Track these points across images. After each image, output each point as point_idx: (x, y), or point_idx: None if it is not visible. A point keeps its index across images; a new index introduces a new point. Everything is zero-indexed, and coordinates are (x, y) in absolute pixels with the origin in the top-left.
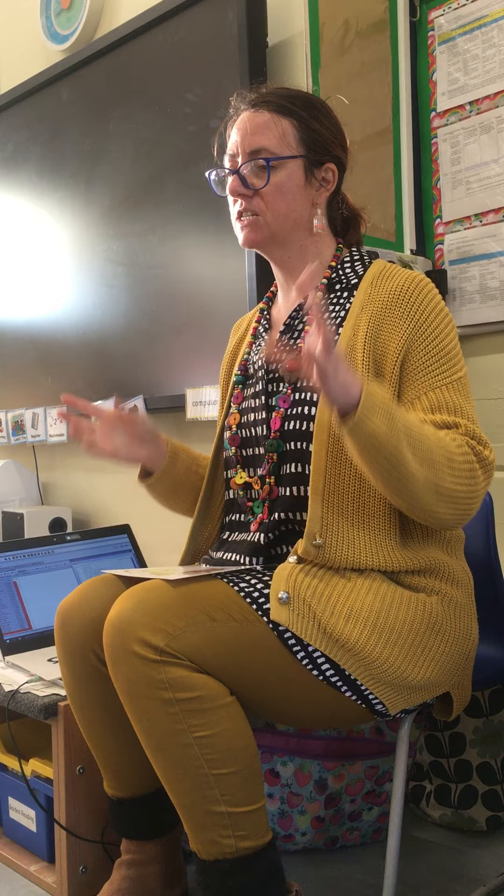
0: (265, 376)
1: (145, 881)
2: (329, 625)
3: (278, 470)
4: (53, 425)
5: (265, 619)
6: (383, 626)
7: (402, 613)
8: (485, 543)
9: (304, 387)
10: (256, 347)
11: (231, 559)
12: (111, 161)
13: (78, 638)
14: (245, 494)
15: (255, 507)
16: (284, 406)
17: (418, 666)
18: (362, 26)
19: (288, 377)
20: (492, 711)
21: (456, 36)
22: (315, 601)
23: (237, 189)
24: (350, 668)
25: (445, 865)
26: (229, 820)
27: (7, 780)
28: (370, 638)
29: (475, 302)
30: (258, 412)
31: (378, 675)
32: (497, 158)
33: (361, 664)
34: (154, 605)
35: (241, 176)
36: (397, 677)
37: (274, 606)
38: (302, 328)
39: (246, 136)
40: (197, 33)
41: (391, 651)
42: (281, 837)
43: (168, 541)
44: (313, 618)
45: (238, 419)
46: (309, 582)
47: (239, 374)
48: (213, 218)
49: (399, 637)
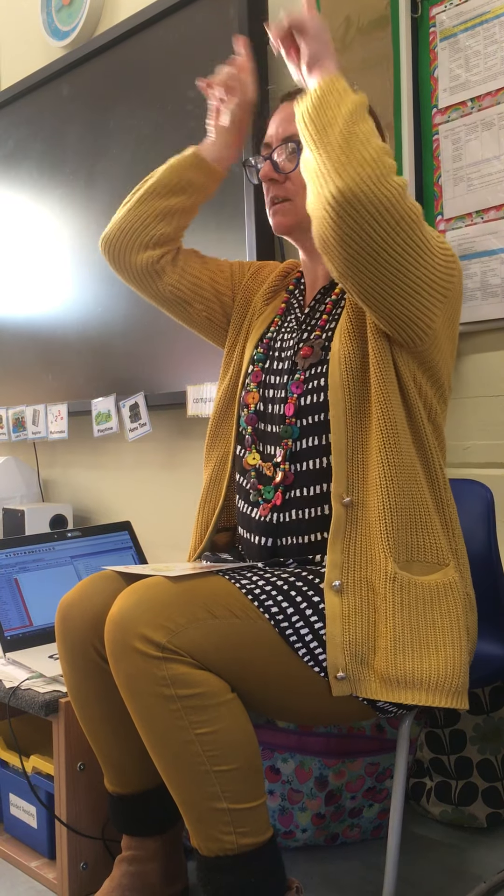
0: (292, 357)
1: (146, 878)
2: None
3: (294, 454)
4: (54, 422)
5: (266, 616)
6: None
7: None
8: (485, 543)
9: (318, 372)
10: (282, 327)
11: (245, 536)
12: (112, 157)
13: (79, 634)
14: (256, 476)
15: (266, 491)
16: (297, 391)
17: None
18: (363, 22)
19: (302, 364)
20: (492, 708)
21: (457, 32)
22: (371, 657)
23: (268, 174)
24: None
25: (446, 862)
26: (230, 816)
27: (8, 776)
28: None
29: (476, 299)
30: (278, 390)
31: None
32: (499, 155)
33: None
34: (156, 601)
35: (273, 162)
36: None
37: (335, 684)
38: (321, 314)
39: (281, 124)
40: (198, 29)
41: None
42: (281, 834)
43: (168, 537)
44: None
45: (256, 398)
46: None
47: (260, 352)
48: (214, 214)
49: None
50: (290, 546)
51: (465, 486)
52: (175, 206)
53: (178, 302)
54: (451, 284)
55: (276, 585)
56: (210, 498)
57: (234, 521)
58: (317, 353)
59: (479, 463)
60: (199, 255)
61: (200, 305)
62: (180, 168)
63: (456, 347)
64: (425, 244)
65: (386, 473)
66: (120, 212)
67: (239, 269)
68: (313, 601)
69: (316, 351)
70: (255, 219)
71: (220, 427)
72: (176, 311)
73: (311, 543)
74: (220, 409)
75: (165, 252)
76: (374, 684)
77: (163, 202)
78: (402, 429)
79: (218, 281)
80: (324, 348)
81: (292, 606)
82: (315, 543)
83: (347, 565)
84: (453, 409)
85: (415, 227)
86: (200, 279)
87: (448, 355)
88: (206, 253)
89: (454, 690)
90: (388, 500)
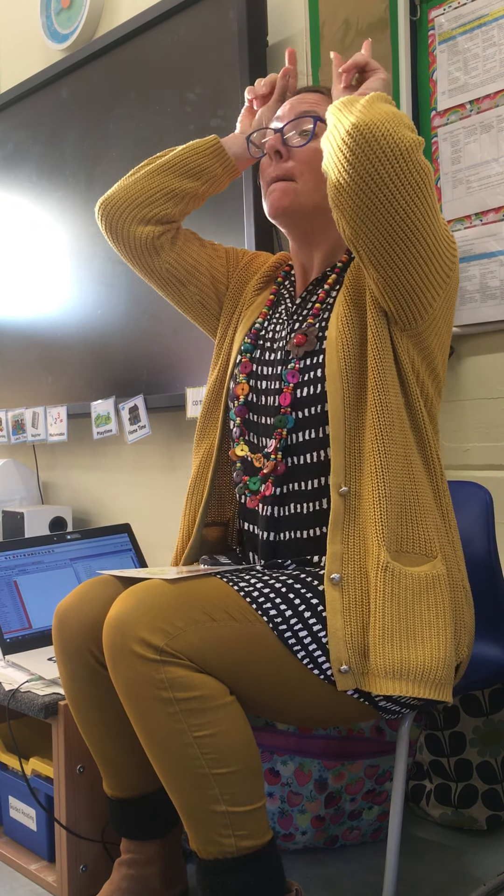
0: (284, 347)
1: (145, 881)
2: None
3: (287, 445)
4: (53, 424)
5: (264, 619)
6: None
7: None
8: (484, 545)
9: (312, 364)
10: (271, 318)
11: (247, 528)
12: (111, 160)
13: (76, 639)
14: (241, 467)
15: (252, 482)
16: (293, 381)
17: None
18: (362, 25)
19: (296, 352)
20: (492, 711)
21: (456, 35)
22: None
23: (275, 145)
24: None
25: (445, 864)
26: (229, 819)
27: (7, 779)
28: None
29: (475, 301)
30: (271, 381)
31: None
32: (497, 157)
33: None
34: (154, 604)
35: (283, 136)
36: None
37: (339, 678)
38: (313, 304)
39: (296, 103)
40: (197, 32)
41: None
42: (281, 836)
43: (168, 540)
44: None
45: (246, 389)
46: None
47: (248, 343)
48: (213, 217)
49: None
50: (290, 541)
51: (464, 488)
52: (186, 190)
53: (173, 281)
54: (453, 264)
55: (274, 588)
56: (196, 491)
57: (224, 515)
58: (311, 340)
59: (478, 465)
60: (199, 237)
61: (195, 288)
62: (200, 152)
63: (450, 339)
64: (435, 207)
65: (380, 462)
66: (127, 179)
67: (234, 256)
68: (311, 602)
69: (310, 339)
70: (254, 218)
71: (208, 420)
72: (169, 291)
73: (311, 539)
74: (209, 401)
75: (166, 230)
76: (370, 676)
77: (175, 181)
78: (398, 417)
79: (215, 266)
80: (318, 337)
81: (290, 609)
82: (314, 539)
83: (347, 556)
84: (452, 411)
85: (427, 184)
86: (199, 261)
87: (444, 342)
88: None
89: (438, 682)
90: (382, 489)
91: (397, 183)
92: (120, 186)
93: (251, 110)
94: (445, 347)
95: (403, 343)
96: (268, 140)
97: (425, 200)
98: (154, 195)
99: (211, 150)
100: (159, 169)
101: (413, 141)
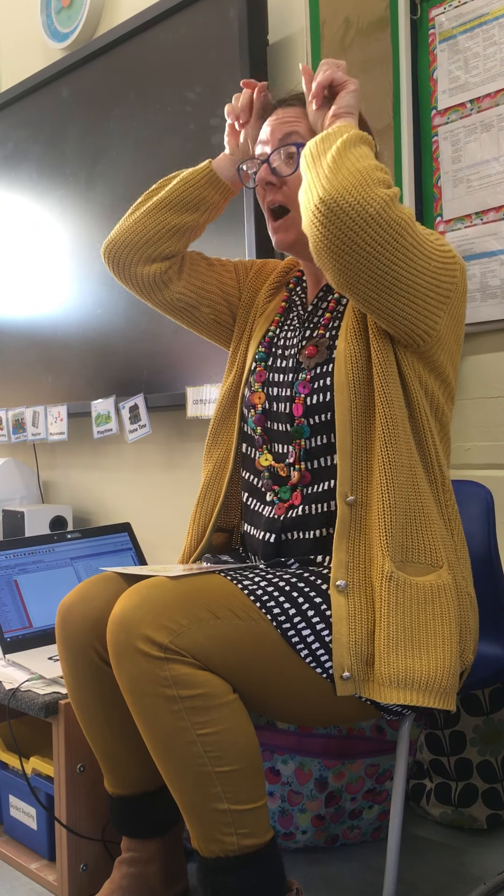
0: (295, 355)
1: (146, 879)
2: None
3: (307, 454)
4: (54, 423)
5: (268, 617)
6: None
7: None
8: (485, 544)
9: (323, 372)
10: (283, 325)
11: (252, 533)
12: (112, 159)
13: (79, 636)
14: (270, 477)
15: (282, 492)
16: (304, 392)
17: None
18: (363, 24)
19: (307, 363)
20: (492, 710)
21: (457, 34)
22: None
23: (265, 177)
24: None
25: (446, 863)
26: (231, 818)
27: (8, 778)
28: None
29: (476, 300)
30: (283, 388)
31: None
32: (498, 157)
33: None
34: (158, 602)
35: (271, 166)
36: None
37: (340, 684)
38: (323, 312)
39: (277, 128)
40: (197, 31)
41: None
42: (281, 835)
43: (168, 539)
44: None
45: (262, 397)
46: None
47: (262, 351)
48: (212, 224)
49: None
50: (295, 541)
51: (465, 488)
52: (186, 224)
53: (185, 308)
54: (451, 285)
55: (278, 586)
56: (208, 496)
57: (232, 521)
58: (322, 352)
59: (479, 464)
60: (205, 257)
61: (207, 308)
62: (195, 184)
63: (461, 347)
64: (418, 249)
65: (386, 473)
66: (127, 220)
67: (243, 268)
68: (315, 602)
69: (321, 350)
70: (254, 221)
71: (222, 426)
72: (182, 317)
73: (316, 539)
74: (223, 408)
75: (171, 264)
76: (374, 684)
77: (174, 218)
78: (402, 429)
79: (225, 282)
80: (329, 347)
81: (294, 607)
82: (319, 539)
83: (353, 565)
84: (454, 410)
85: (405, 234)
86: (207, 283)
87: (455, 353)
88: (206, 255)
89: (442, 691)
90: (388, 500)
91: (374, 244)
92: (121, 229)
93: (234, 130)
94: (456, 356)
95: (408, 358)
96: (257, 171)
97: (406, 251)
98: (155, 234)
99: (205, 179)
100: (157, 207)
101: (383, 199)
